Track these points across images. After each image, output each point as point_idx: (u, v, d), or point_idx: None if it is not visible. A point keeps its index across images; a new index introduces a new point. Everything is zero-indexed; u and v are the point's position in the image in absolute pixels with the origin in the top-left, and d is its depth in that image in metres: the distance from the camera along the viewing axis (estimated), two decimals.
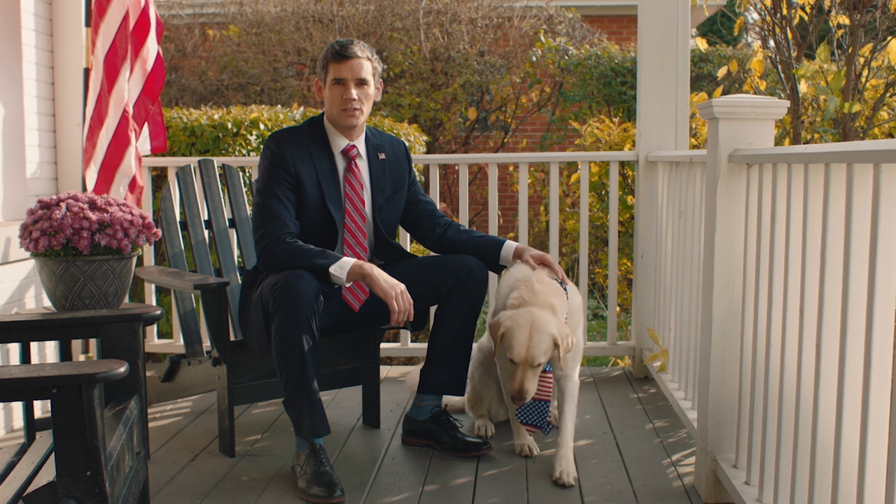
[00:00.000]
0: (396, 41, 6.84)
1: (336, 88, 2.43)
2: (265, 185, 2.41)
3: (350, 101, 2.42)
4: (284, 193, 2.40)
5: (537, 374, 2.27)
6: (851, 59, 3.64)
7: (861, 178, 1.47)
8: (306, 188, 2.42)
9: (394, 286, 2.28)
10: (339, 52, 2.42)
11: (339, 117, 2.46)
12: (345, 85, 2.42)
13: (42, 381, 1.40)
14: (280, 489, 2.29)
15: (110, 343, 1.87)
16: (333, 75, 2.43)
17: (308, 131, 2.50)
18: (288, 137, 2.46)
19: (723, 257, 2.12)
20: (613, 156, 3.56)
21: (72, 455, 1.39)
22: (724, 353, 2.14)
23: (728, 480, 2.06)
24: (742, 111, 2.07)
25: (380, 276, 2.29)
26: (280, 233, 2.34)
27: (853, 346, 1.48)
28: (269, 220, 2.36)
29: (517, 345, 2.25)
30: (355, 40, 2.47)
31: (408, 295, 2.31)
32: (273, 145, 2.44)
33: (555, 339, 2.26)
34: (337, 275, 2.28)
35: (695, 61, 7.10)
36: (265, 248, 2.34)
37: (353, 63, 2.42)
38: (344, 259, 2.31)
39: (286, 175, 2.40)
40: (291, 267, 2.28)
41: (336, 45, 2.45)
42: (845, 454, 1.51)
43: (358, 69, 2.42)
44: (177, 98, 7.00)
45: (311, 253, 2.31)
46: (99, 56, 3.04)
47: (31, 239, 2.43)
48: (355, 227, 2.47)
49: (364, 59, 2.43)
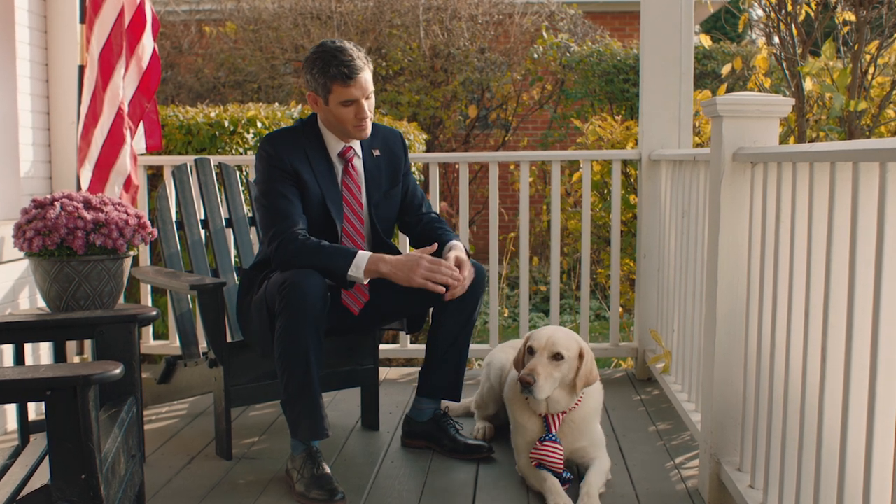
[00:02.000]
0: (396, 38, 6.80)
1: (346, 108, 2.32)
2: (267, 185, 2.35)
3: (363, 118, 2.35)
4: (289, 190, 2.34)
5: (553, 370, 2.19)
6: (857, 56, 3.62)
7: (867, 177, 1.45)
8: (307, 186, 2.37)
9: (411, 268, 2.22)
10: (347, 75, 2.27)
11: (351, 133, 2.38)
12: (356, 104, 2.32)
13: (36, 383, 1.40)
14: (278, 492, 2.28)
15: (105, 344, 1.86)
16: (343, 97, 2.30)
17: (303, 132, 2.43)
18: (282, 138, 2.40)
19: (727, 257, 2.10)
20: (616, 154, 3.54)
21: (66, 458, 1.39)
22: (729, 354, 2.13)
23: (732, 484, 2.04)
24: (746, 109, 2.05)
25: (394, 269, 2.24)
26: (292, 230, 2.29)
27: (859, 347, 1.47)
28: (278, 219, 2.31)
29: (540, 334, 2.25)
30: (349, 47, 2.31)
31: (432, 265, 2.24)
32: (268, 146, 2.38)
33: (581, 348, 2.25)
34: (354, 275, 2.26)
35: (698, 58, 7.06)
36: (279, 247, 2.29)
37: (361, 79, 2.30)
38: (358, 256, 2.26)
39: (286, 173, 2.35)
40: (307, 266, 2.24)
41: (340, 65, 2.27)
42: (851, 458, 1.49)
43: (366, 84, 2.32)
44: (173, 96, 6.97)
45: (327, 251, 2.26)
46: (94, 53, 3.02)
47: (25, 238, 2.41)
48: (353, 231, 2.44)
49: (366, 69, 2.33)
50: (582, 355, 2.24)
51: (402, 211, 2.57)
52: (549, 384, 2.19)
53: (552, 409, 2.26)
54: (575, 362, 2.23)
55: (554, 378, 2.20)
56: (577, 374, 2.23)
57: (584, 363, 2.24)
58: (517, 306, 5.72)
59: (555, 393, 2.23)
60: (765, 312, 1.93)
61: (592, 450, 2.30)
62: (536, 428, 2.28)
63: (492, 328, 3.49)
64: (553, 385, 2.20)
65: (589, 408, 2.32)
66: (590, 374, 2.26)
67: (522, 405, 2.32)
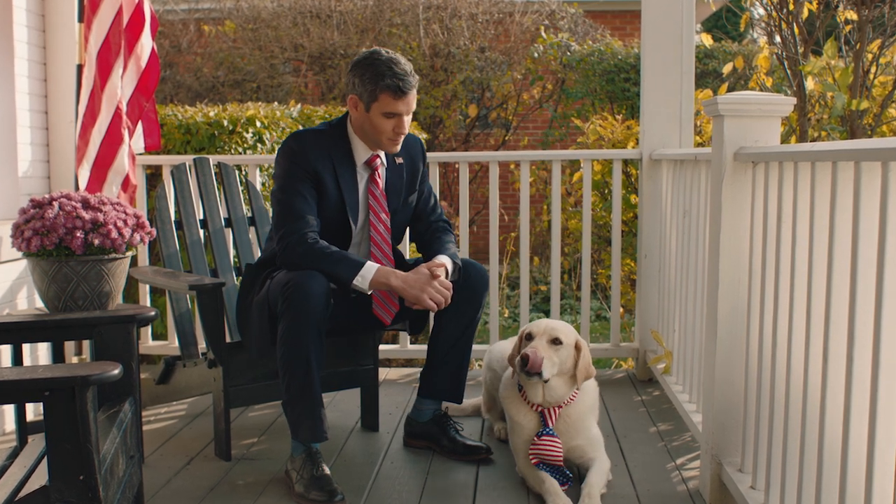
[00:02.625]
0: (395, 37, 6.79)
1: (388, 120, 2.32)
2: (286, 181, 2.34)
3: (401, 135, 2.35)
4: (307, 190, 2.33)
5: (553, 353, 2.22)
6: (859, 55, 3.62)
7: (869, 176, 1.44)
8: (327, 191, 2.36)
9: (422, 287, 2.26)
10: (401, 88, 2.27)
11: (383, 145, 2.37)
12: (399, 118, 2.32)
13: (34, 384, 1.39)
14: (277, 494, 2.27)
15: (104, 345, 1.86)
16: (388, 109, 2.29)
17: (330, 136, 2.41)
18: (309, 138, 2.38)
19: (728, 257, 2.09)
20: (617, 154, 3.53)
21: (64, 459, 1.39)
22: (730, 355, 2.12)
23: (733, 485, 2.04)
24: (748, 108, 2.05)
25: (405, 284, 2.27)
26: (303, 231, 2.28)
27: (861, 347, 1.46)
28: (291, 217, 2.30)
29: (537, 323, 2.29)
30: (403, 61, 2.31)
31: (436, 283, 2.28)
32: (293, 143, 2.36)
33: (577, 339, 2.29)
34: (359, 286, 2.26)
35: (699, 57, 7.05)
36: (287, 247, 2.28)
37: (411, 96, 2.31)
38: (366, 267, 2.27)
39: (307, 173, 2.34)
40: (312, 269, 2.24)
41: (395, 77, 2.27)
42: (853, 458, 1.48)
43: (412, 102, 2.33)
44: (171, 95, 6.95)
45: (334, 257, 2.26)
46: (92, 52, 3.01)
47: (23, 238, 2.40)
48: (381, 239, 2.43)
49: (415, 87, 2.33)
50: (579, 347, 2.28)
51: (414, 217, 2.58)
52: (550, 366, 2.22)
53: (549, 400, 2.27)
54: (572, 351, 2.26)
55: (554, 361, 2.23)
56: (577, 366, 2.26)
57: (583, 356, 2.27)
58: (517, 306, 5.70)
59: (553, 380, 2.25)
60: (766, 313, 1.92)
61: (590, 449, 2.30)
62: (533, 424, 2.29)
63: (492, 328, 3.49)
64: (553, 369, 2.23)
65: (584, 405, 2.33)
66: (588, 367, 2.30)
67: (518, 400, 2.33)
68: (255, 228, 2.96)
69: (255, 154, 3.80)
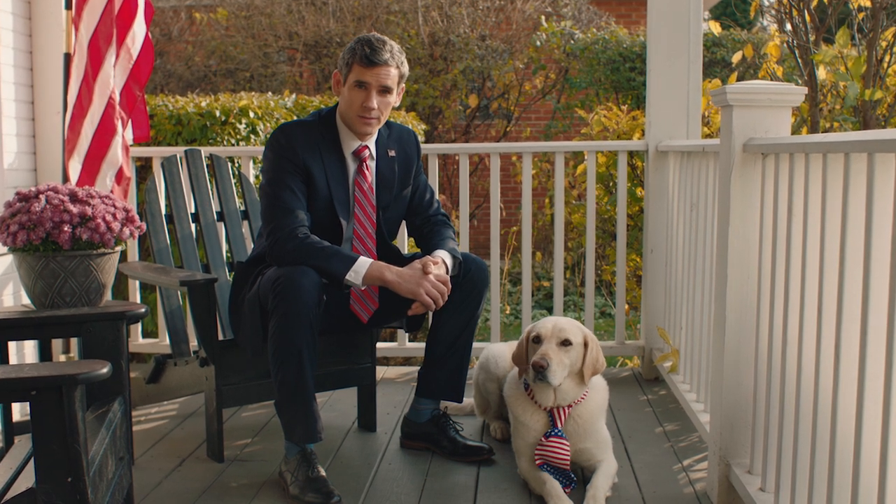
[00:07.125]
0: (393, 24, 6.72)
1: (357, 92, 2.31)
2: (275, 174, 2.32)
3: (369, 109, 2.32)
4: (296, 184, 2.31)
5: (564, 356, 2.18)
6: (872, 43, 3.60)
7: (882, 168, 1.43)
8: (316, 184, 2.34)
9: (418, 281, 2.24)
10: (368, 57, 2.28)
11: (353, 122, 2.36)
12: (367, 91, 2.31)
13: (21, 383, 1.39)
14: (271, 496, 2.25)
15: (92, 343, 1.86)
16: (357, 77, 2.30)
17: (318, 126, 2.39)
18: (297, 130, 2.36)
19: (737, 252, 2.08)
20: (622, 145, 3.50)
21: (52, 460, 1.38)
22: (739, 353, 2.11)
23: (742, 487, 2.03)
24: (757, 98, 2.04)
25: (400, 279, 2.24)
26: (293, 227, 2.26)
27: (874, 345, 1.45)
28: (281, 212, 2.28)
29: (544, 323, 2.24)
30: (387, 42, 2.33)
31: (432, 278, 2.25)
32: (281, 136, 2.35)
33: (585, 335, 2.24)
34: (352, 280, 2.24)
35: (708, 46, 7.00)
36: (276, 243, 2.26)
37: (381, 71, 2.29)
38: (359, 262, 2.24)
39: (295, 166, 2.32)
40: (303, 265, 2.21)
41: (367, 46, 2.29)
42: (865, 459, 1.47)
43: (384, 77, 2.31)
44: (162, 85, 6.89)
45: (326, 253, 2.24)
46: (83, 40, 2.97)
47: (8, 233, 2.37)
48: (365, 233, 2.41)
49: (392, 68, 2.31)
50: (587, 343, 2.24)
51: (409, 212, 2.55)
52: (561, 370, 2.18)
53: (560, 401, 2.23)
54: (581, 349, 2.23)
55: (564, 364, 2.19)
56: (584, 362, 2.22)
57: (590, 350, 2.23)
58: (519, 303, 5.66)
59: (564, 382, 2.21)
60: (776, 309, 1.91)
61: (598, 451, 2.26)
62: (541, 425, 2.25)
63: (493, 326, 3.46)
64: (564, 372, 2.19)
65: (595, 404, 2.30)
66: (596, 361, 2.26)
67: (526, 401, 2.28)
68: (249, 222, 2.94)
69: (248, 146, 3.76)
